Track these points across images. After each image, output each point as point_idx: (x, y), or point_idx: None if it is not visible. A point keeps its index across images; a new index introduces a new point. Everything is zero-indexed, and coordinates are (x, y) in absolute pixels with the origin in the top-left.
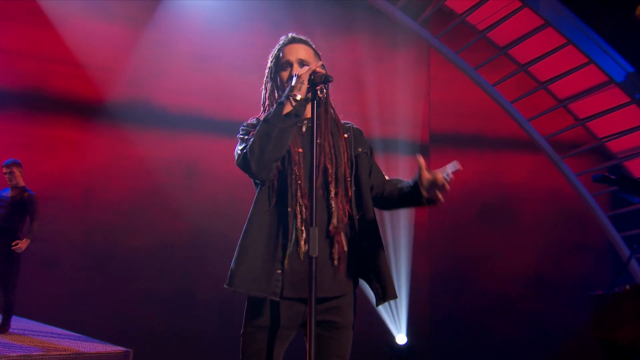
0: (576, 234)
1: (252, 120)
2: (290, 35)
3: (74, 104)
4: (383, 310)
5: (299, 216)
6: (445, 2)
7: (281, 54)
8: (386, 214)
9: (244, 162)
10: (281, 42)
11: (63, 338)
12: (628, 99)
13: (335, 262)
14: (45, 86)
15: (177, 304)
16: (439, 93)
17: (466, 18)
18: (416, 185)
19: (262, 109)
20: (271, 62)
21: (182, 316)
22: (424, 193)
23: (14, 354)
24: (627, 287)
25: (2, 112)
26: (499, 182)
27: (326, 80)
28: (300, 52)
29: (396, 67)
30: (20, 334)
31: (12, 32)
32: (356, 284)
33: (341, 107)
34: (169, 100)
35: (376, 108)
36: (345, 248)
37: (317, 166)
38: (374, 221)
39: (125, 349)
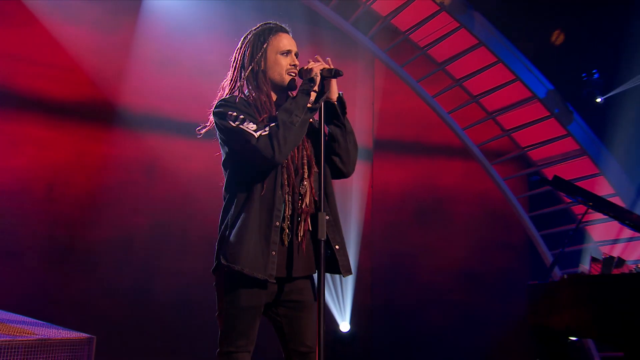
0: (501, 233)
1: (230, 97)
2: (280, 24)
3: (39, 102)
4: (330, 300)
5: (288, 203)
6: (391, 21)
7: (281, 42)
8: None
9: (267, 147)
10: (272, 27)
11: (28, 325)
12: (548, 113)
13: (304, 245)
14: (10, 84)
15: (136, 294)
16: (383, 103)
17: (409, 35)
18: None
19: (235, 84)
20: (257, 38)
21: (141, 305)
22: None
23: None
24: (565, 276)
25: None
26: (434, 185)
27: (337, 74)
28: (294, 44)
29: (343, 78)
30: None
31: None
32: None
33: None
34: (130, 101)
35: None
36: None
37: (324, 157)
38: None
39: (89, 335)
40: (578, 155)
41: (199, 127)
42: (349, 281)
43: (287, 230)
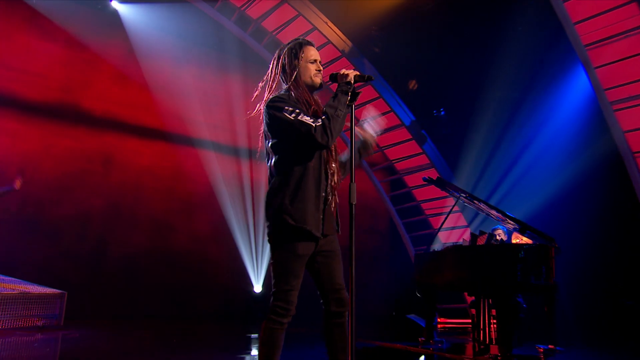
0: (370, 221)
1: (281, 95)
2: (308, 39)
3: (14, 101)
4: (250, 267)
5: (329, 176)
6: None
7: (303, 51)
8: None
9: (323, 135)
10: (302, 43)
11: (10, 282)
12: (410, 137)
13: (333, 208)
14: None
15: (92, 260)
16: None
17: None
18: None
19: (278, 85)
20: (291, 51)
21: (96, 269)
22: (361, 154)
23: None
24: (450, 245)
25: None
26: None
27: (369, 79)
28: (318, 54)
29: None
30: None
31: None
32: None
33: (228, 124)
34: (92, 105)
35: (245, 128)
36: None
37: (353, 144)
38: None
39: (61, 291)
40: (428, 167)
41: (249, 112)
42: (267, 253)
43: (329, 199)
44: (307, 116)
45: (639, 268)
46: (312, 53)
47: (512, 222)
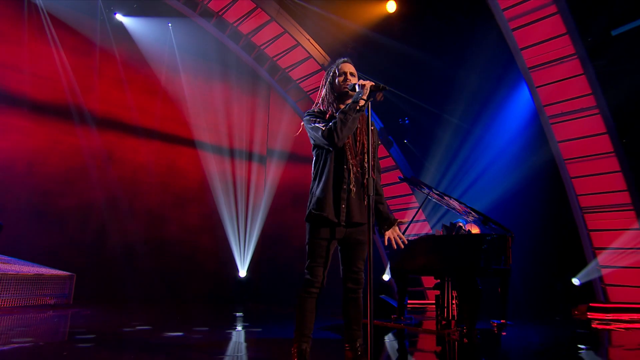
0: None
1: (316, 109)
2: (343, 58)
3: (24, 101)
4: (237, 256)
5: (351, 171)
6: (289, 73)
7: (337, 69)
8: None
9: (330, 135)
10: (337, 62)
11: (26, 265)
12: (378, 141)
13: (365, 202)
14: (2, 86)
15: (94, 246)
16: (273, 126)
17: (300, 84)
18: (384, 221)
19: (320, 100)
20: (329, 73)
21: (97, 254)
22: (384, 230)
23: None
24: (423, 235)
25: None
26: (303, 182)
27: (383, 88)
28: (350, 68)
29: (249, 107)
30: None
31: None
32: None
33: (216, 127)
34: (95, 106)
35: (236, 131)
36: (371, 192)
37: (369, 143)
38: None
39: (70, 273)
40: (394, 168)
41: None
42: (252, 242)
43: (354, 190)
44: (321, 123)
45: (568, 256)
46: (343, 67)
47: (476, 215)
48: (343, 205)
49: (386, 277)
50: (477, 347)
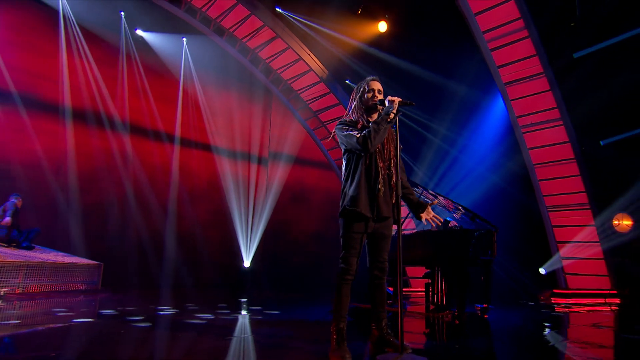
0: (335, 211)
1: (347, 119)
2: (371, 76)
3: (54, 107)
4: (243, 248)
5: (382, 173)
6: (291, 85)
7: (367, 86)
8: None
9: (364, 142)
10: (367, 79)
11: (61, 255)
12: None
13: (393, 199)
14: (35, 94)
15: (115, 238)
16: (275, 130)
17: (301, 94)
18: (417, 206)
19: (349, 111)
20: (359, 88)
21: (118, 246)
22: (419, 216)
23: (34, 260)
24: (417, 231)
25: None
26: (302, 182)
27: (410, 104)
28: (378, 85)
29: (252, 113)
30: (26, 251)
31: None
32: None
33: (223, 131)
34: (117, 113)
35: (240, 134)
36: (400, 193)
37: (396, 149)
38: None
39: (98, 262)
40: None
41: (331, 136)
42: (257, 236)
43: (382, 190)
44: (355, 131)
45: (536, 248)
46: (371, 84)
47: (463, 211)
48: (374, 202)
49: None
50: (468, 326)
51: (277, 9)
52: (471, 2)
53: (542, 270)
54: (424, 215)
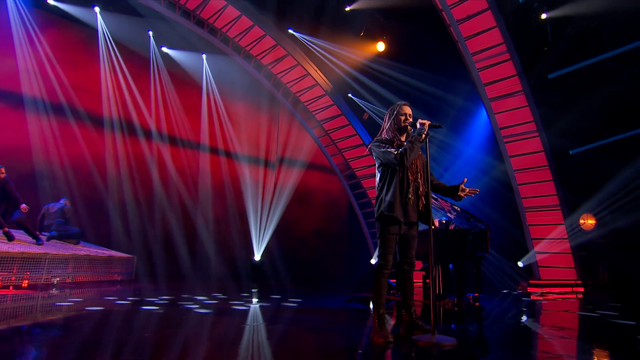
0: (334, 210)
1: (383, 137)
2: (403, 101)
3: (90, 115)
4: (254, 243)
5: (412, 184)
6: (299, 97)
7: (399, 109)
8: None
9: (401, 159)
10: (399, 103)
11: (99, 249)
12: (367, 152)
13: (421, 207)
14: (73, 104)
15: (141, 234)
16: (283, 137)
17: (307, 106)
18: (453, 190)
19: (384, 131)
20: (393, 111)
21: (144, 240)
22: (458, 196)
23: (80, 253)
24: (420, 231)
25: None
26: (306, 184)
27: (438, 126)
28: (409, 110)
29: (262, 122)
30: (63, 245)
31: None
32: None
33: (236, 138)
34: (143, 121)
35: (251, 140)
36: (430, 201)
37: (423, 164)
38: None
39: (132, 255)
40: None
41: (369, 148)
42: (269, 232)
43: (412, 198)
44: (392, 148)
45: (515, 244)
46: (404, 109)
47: (459, 211)
48: (405, 209)
49: (373, 261)
50: (466, 312)
51: (289, 30)
52: (462, 27)
53: (520, 264)
54: (461, 194)
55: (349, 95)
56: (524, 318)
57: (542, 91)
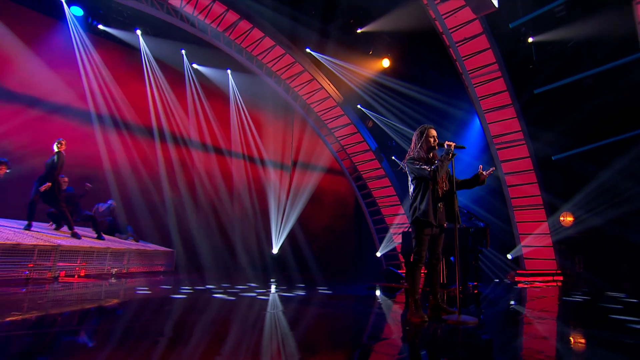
0: (342, 209)
1: (416, 155)
2: (429, 125)
3: (127, 124)
4: (274, 236)
5: (439, 194)
6: (314, 108)
7: (428, 132)
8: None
9: (434, 174)
10: (427, 126)
11: (146, 244)
12: (373, 157)
13: (443, 210)
14: (115, 114)
15: (174, 230)
16: (299, 143)
17: (321, 116)
18: (475, 178)
19: (415, 150)
20: (422, 134)
21: (178, 236)
22: (482, 181)
23: (133, 247)
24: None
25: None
26: (318, 185)
27: (461, 147)
28: (434, 133)
29: (278, 128)
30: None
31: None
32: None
33: (255, 143)
34: (174, 129)
35: (268, 145)
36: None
37: (451, 177)
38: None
39: (172, 249)
40: (383, 176)
41: (399, 167)
42: (286, 229)
43: (441, 206)
44: (425, 165)
45: (505, 239)
46: (431, 132)
47: (463, 212)
48: (436, 214)
49: (378, 254)
50: (469, 297)
51: (307, 49)
52: (460, 48)
53: (509, 256)
54: (482, 177)
55: (358, 106)
56: (512, 302)
57: (529, 104)
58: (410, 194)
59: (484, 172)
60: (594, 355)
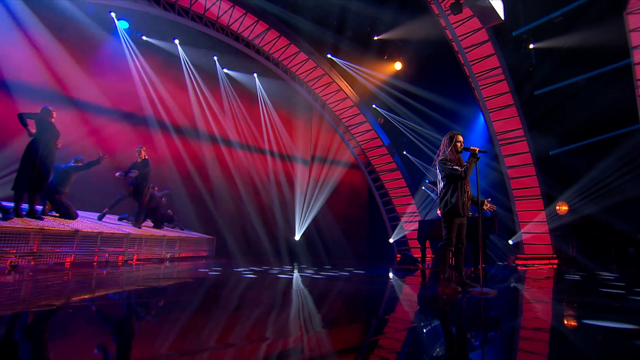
0: (357, 199)
1: (448, 157)
2: (456, 131)
3: (162, 123)
4: (297, 225)
5: (465, 190)
6: (331, 107)
7: (456, 138)
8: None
9: (465, 175)
10: (455, 133)
11: (190, 233)
12: (386, 152)
13: (468, 205)
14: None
15: (209, 220)
16: (316, 139)
17: (340, 115)
18: (479, 203)
19: (445, 154)
20: (452, 139)
21: (212, 225)
22: (482, 208)
23: (183, 235)
24: (439, 215)
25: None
26: (335, 177)
27: (485, 152)
28: (461, 138)
29: (299, 125)
30: (173, 229)
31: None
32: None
33: (280, 141)
34: (204, 127)
35: (289, 142)
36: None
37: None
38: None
39: (211, 236)
40: (395, 169)
41: (434, 164)
42: (308, 219)
43: (467, 200)
44: (457, 166)
45: (507, 226)
46: (458, 137)
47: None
48: (463, 207)
49: (391, 240)
50: (478, 277)
51: (328, 55)
52: (468, 54)
53: (510, 241)
54: (484, 206)
55: (373, 105)
56: (512, 282)
57: (529, 104)
58: (439, 189)
59: (487, 204)
60: (584, 314)
